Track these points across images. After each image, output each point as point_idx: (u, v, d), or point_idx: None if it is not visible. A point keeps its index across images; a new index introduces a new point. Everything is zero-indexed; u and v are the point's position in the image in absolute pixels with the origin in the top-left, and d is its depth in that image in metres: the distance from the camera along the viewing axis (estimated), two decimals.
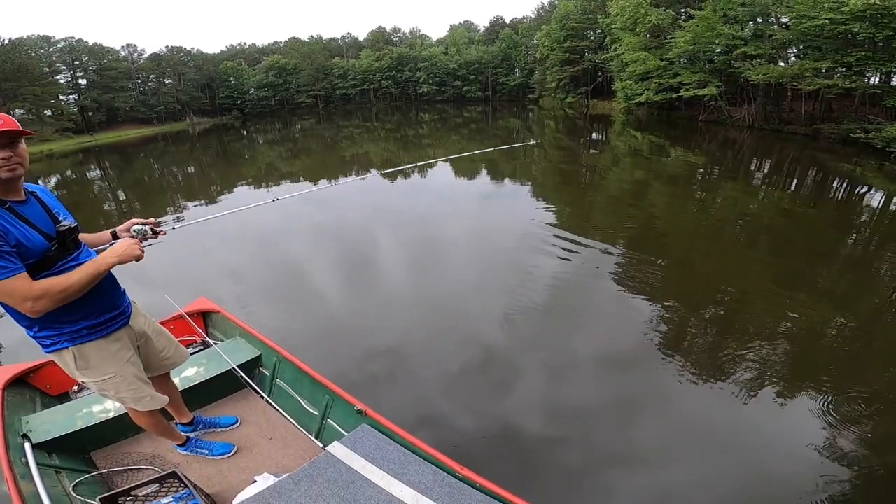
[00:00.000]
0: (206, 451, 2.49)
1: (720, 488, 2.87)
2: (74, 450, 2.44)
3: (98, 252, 1.88)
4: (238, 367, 2.86)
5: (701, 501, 2.80)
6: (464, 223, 8.95)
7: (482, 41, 61.04)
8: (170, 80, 56.93)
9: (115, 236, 2.02)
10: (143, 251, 1.78)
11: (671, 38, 23.37)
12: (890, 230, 8.04)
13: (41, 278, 1.58)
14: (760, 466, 2.96)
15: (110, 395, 2.01)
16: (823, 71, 16.57)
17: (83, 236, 1.93)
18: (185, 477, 2.08)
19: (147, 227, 1.95)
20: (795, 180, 12.23)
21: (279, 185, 14.74)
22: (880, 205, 9.64)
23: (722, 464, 3.04)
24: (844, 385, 3.74)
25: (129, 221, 2.01)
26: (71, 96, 48.83)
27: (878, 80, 16.39)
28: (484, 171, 14.86)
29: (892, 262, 6.52)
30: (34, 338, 1.80)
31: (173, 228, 2.19)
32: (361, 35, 70.01)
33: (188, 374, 2.86)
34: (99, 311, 1.87)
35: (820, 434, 3.17)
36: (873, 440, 3.12)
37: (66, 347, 1.81)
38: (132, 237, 1.90)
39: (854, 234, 7.85)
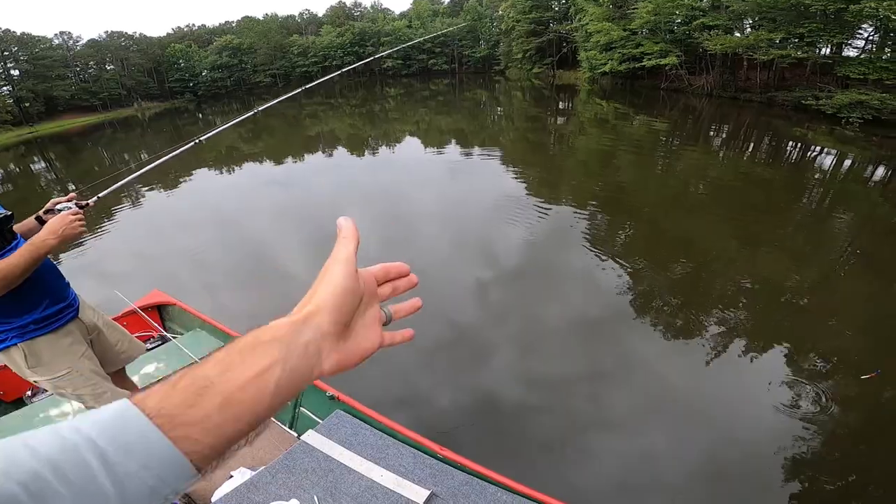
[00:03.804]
0: None
1: (689, 450, 2.98)
2: None
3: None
4: (200, 360, 2.73)
5: (671, 464, 2.90)
6: (432, 194, 8.86)
7: (447, 13, 59.73)
8: (112, 66, 53.77)
9: (40, 221, 1.86)
10: (84, 226, 1.62)
11: (634, 9, 23.47)
12: (842, 188, 8.46)
13: None
14: (727, 428, 3.09)
15: (67, 393, 1.88)
16: (777, 42, 17.03)
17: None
18: None
19: (71, 205, 1.78)
20: (752, 144, 12.65)
21: (241, 166, 14.18)
22: (832, 165, 10.11)
23: (690, 427, 3.15)
24: (805, 344, 3.94)
25: (49, 202, 1.84)
26: (4, 88, 45.54)
27: (829, 50, 16.98)
28: (453, 142, 14.70)
29: (844, 219, 6.87)
30: None
31: (98, 198, 2.02)
32: (320, 11, 67.22)
33: (147, 370, 2.73)
34: (44, 303, 1.76)
35: (783, 393, 3.32)
36: (834, 398, 3.29)
37: (15, 344, 1.71)
38: None
39: (809, 194, 8.22)
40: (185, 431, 0.33)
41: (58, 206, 1.78)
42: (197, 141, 2.61)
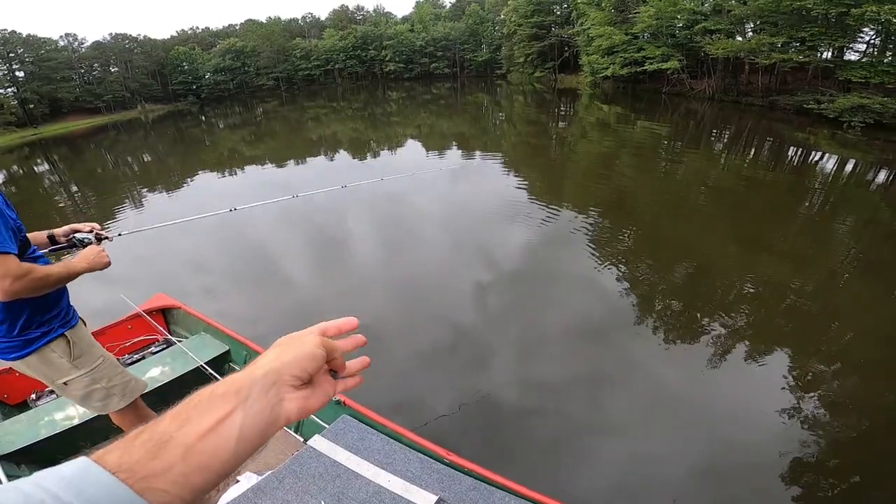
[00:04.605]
0: None
1: (689, 454, 2.97)
2: (44, 459, 2.32)
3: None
4: (206, 363, 2.74)
5: (670, 468, 2.89)
6: (434, 197, 8.86)
7: (449, 17, 59.97)
8: (116, 68, 53.88)
9: (52, 241, 1.89)
10: (110, 260, 1.77)
11: (635, 13, 23.56)
12: (843, 192, 8.46)
13: None
14: (727, 431, 3.08)
15: (101, 386, 1.88)
16: (779, 45, 17.06)
17: None
18: None
19: (90, 236, 1.86)
20: (754, 148, 12.65)
21: (243, 169, 14.22)
22: (833, 170, 10.11)
23: (690, 430, 3.15)
24: (806, 347, 3.94)
25: (68, 226, 1.90)
26: (10, 89, 45.66)
27: (830, 54, 17.01)
28: (454, 145, 14.74)
29: (847, 223, 6.87)
30: (11, 339, 1.65)
31: (119, 235, 2.07)
32: (323, 14, 67.63)
33: (153, 374, 2.74)
34: (65, 295, 1.84)
35: (784, 397, 3.33)
36: (834, 401, 3.30)
37: (61, 333, 1.74)
38: (74, 245, 1.83)
39: (811, 198, 8.21)
40: (150, 483, 0.34)
41: (77, 236, 1.85)
42: (231, 210, 2.81)
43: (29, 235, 1.86)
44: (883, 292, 4.76)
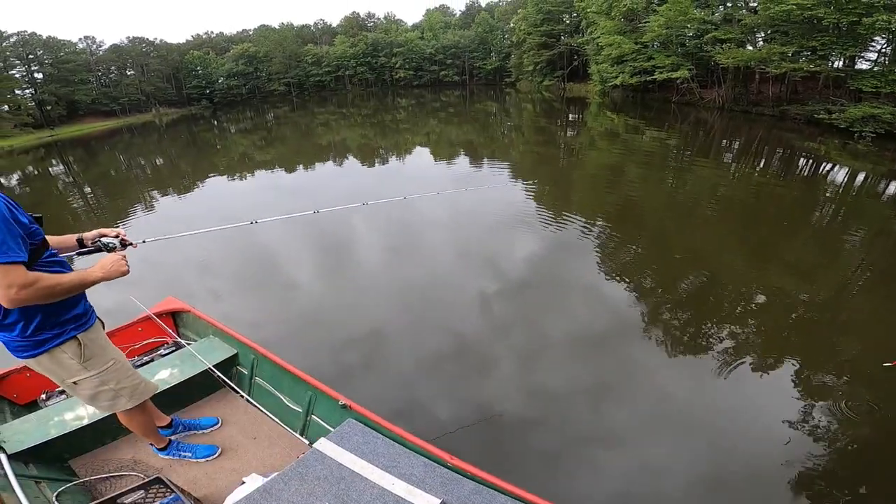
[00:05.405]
0: (190, 454, 2.43)
1: (691, 464, 2.96)
2: (52, 459, 2.35)
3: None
4: (214, 366, 2.79)
5: (672, 477, 2.87)
6: (441, 204, 8.88)
7: (458, 25, 60.60)
8: (132, 72, 54.75)
9: (80, 244, 1.95)
10: (129, 268, 1.80)
11: (645, 22, 23.62)
12: (854, 204, 8.38)
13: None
14: (731, 441, 3.07)
15: (110, 388, 1.93)
16: (790, 55, 17.00)
17: (49, 238, 1.85)
18: (170, 482, 2.04)
19: (116, 241, 1.91)
20: (764, 158, 12.57)
21: (253, 174, 14.39)
22: (844, 180, 10.02)
23: (693, 440, 3.14)
24: (813, 358, 3.90)
25: (96, 231, 1.96)
26: (28, 91, 46.38)
27: (841, 63, 16.90)
28: (462, 153, 14.81)
29: (857, 235, 6.80)
30: (24, 339, 1.70)
31: (144, 241, 2.14)
32: (334, 21, 68.59)
33: (162, 375, 2.78)
34: (83, 298, 1.88)
35: (789, 407, 3.30)
36: (841, 413, 3.26)
37: (73, 336, 1.77)
38: (100, 249, 1.88)
39: (821, 209, 8.15)
40: None
41: (103, 239, 1.92)
42: (252, 223, 2.95)
43: (58, 238, 1.91)
44: (894, 303, 4.71)
